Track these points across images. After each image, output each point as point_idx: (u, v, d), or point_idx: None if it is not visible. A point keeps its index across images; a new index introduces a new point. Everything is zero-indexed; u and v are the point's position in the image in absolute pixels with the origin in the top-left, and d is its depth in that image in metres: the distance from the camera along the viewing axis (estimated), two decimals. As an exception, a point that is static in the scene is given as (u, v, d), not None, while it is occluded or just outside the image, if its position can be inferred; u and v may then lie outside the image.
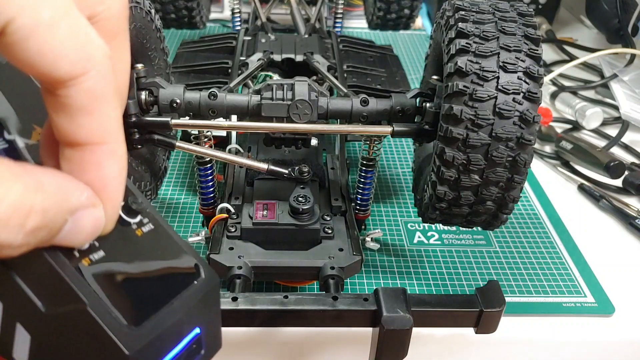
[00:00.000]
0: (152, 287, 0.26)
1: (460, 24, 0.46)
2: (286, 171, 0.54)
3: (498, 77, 0.44)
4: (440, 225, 0.66)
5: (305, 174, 0.54)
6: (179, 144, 0.52)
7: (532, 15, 0.48)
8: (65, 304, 0.23)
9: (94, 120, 0.22)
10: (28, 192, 0.21)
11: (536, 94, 0.44)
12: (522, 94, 0.43)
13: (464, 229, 0.65)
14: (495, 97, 0.43)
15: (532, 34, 0.46)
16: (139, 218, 0.27)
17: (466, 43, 0.45)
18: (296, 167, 0.55)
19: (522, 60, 0.44)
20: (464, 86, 0.44)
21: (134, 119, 0.50)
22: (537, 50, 0.45)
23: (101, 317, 0.23)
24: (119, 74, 0.25)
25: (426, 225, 0.66)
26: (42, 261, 0.23)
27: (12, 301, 0.24)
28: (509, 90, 0.43)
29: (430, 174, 0.48)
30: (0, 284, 0.23)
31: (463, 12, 0.47)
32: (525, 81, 0.44)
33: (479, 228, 0.52)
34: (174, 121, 0.50)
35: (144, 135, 0.51)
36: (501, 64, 0.44)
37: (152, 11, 0.54)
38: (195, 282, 0.28)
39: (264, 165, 0.54)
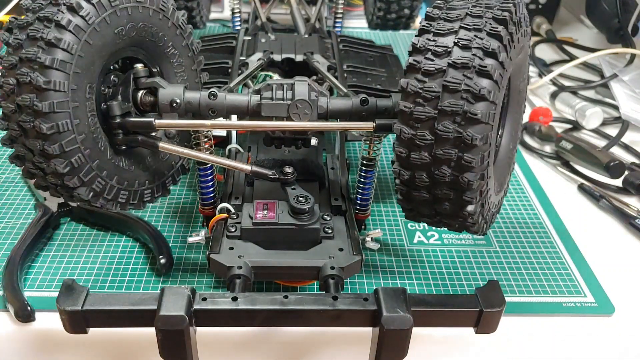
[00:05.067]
0: None
1: (429, 10, 0.46)
2: (270, 172, 0.54)
3: (450, 52, 0.44)
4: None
5: (289, 175, 0.54)
6: (162, 144, 0.51)
7: (514, 6, 0.46)
8: None
9: None
10: None
11: (485, 67, 0.43)
12: (473, 69, 0.43)
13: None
14: (443, 71, 0.43)
15: (499, 16, 0.45)
16: None
17: (427, 23, 0.45)
18: (279, 169, 0.54)
19: (480, 38, 0.44)
20: (415, 60, 0.44)
21: (118, 120, 0.50)
22: (498, 29, 0.44)
23: None
24: None
25: (426, 225, 0.66)
26: None
27: None
28: (458, 64, 0.43)
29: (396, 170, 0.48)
30: None
31: (439, 2, 0.48)
32: (479, 57, 0.43)
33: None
34: (158, 121, 0.50)
35: (128, 136, 0.51)
36: (456, 40, 0.44)
37: (168, 8, 0.53)
38: None
39: (247, 167, 0.54)
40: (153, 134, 0.53)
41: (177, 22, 0.55)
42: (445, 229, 0.52)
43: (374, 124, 0.51)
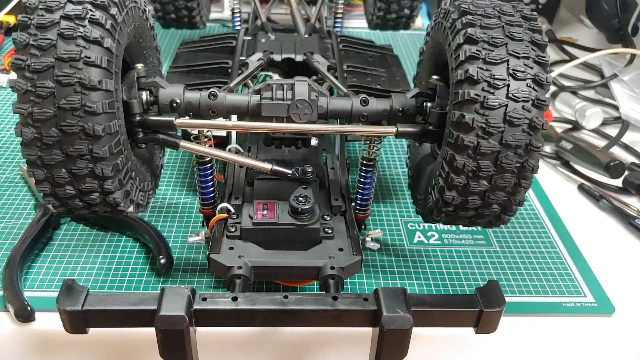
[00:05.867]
0: None
1: (469, 30, 0.46)
2: (290, 171, 0.54)
3: (508, 85, 0.44)
4: (440, 225, 0.66)
5: (309, 174, 0.54)
6: (183, 143, 0.51)
7: (536, 19, 0.48)
8: None
9: None
10: None
11: (544, 101, 0.44)
12: (531, 102, 0.44)
13: (464, 228, 0.65)
14: (506, 105, 0.43)
15: (539, 40, 0.46)
16: None
17: (476, 50, 0.44)
18: (299, 168, 0.55)
19: (530, 67, 0.44)
20: (475, 94, 0.44)
21: (138, 118, 0.50)
22: (545, 57, 0.45)
23: None
24: None
25: (426, 225, 0.66)
26: None
27: None
28: (519, 98, 0.43)
29: (437, 179, 0.48)
30: None
31: (470, 17, 0.47)
32: (533, 88, 0.44)
33: (479, 228, 0.52)
34: (178, 120, 0.50)
35: (149, 135, 0.51)
36: (511, 71, 0.44)
37: (147, 9, 0.54)
38: None
39: (267, 166, 0.54)
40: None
41: (152, 23, 0.56)
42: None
43: (396, 130, 0.51)
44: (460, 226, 0.53)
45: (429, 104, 0.52)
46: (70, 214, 0.59)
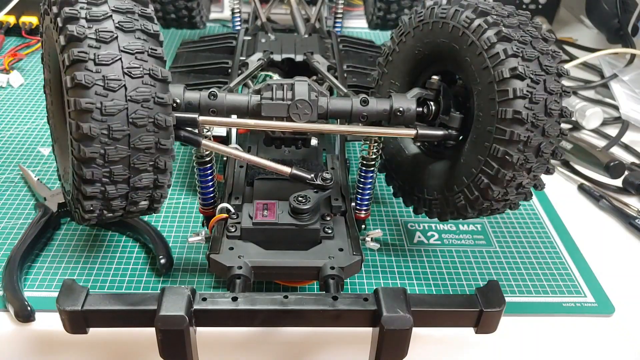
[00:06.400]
0: None
1: (500, 28, 0.47)
2: (310, 176, 0.53)
3: (545, 80, 0.47)
4: (441, 225, 0.66)
5: (329, 181, 0.53)
6: (204, 142, 0.51)
7: (553, 40, 0.50)
8: None
9: None
10: None
11: (568, 92, 0.48)
12: (559, 93, 0.47)
13: (464, 228, 0.65)
14: (545, 99, 0.47)
15: (548, 37, 0.49)
16: None
17: (516, 48, 0.47)
18: (319, 173, 0.53)
19: (552, 59, 0.48)
20: (527, 90, 0.46)
21: None
22: (558, 51, 0.49)
23: None
24: None
25: (426, 225, 0.66)
26: None
27: None
28: (554, 91, 0.47)
29: (478, 177, 0.49)
30: None
31: (494, 17, 0.49)
32: (558, 81, 0.48)
33: (479, 227, 0.52)
34: (201, 118, 0.50)
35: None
36: (544, 67, 0.47)
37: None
38: None
39: (287, 169, 0.53)
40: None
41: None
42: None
43: (416, 132, 0.52)
44: (462, 225, 0.54)
45: (432, 105, 0.52)
46: (97, 220, 0.56)
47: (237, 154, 0.53)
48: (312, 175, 0.53)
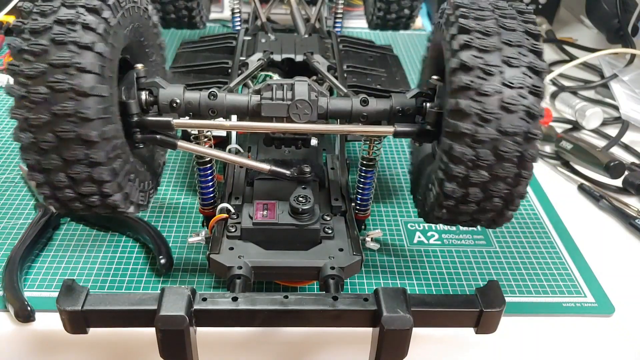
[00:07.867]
0: None
1: (461, 20, 0.46)
2: (288, 172, 0.54)
3: (502, 72, 0.44)
4: (441, 225, 0.66)
5: (307, 174, 0.54)
6: (180, 143, 0.51)
7: (531, 12, 0.48)
8: None
9: None
10: None
11: (540, 87, 0.44)
12: (527, 89, 0.43)
13: (464, 228, 0.65)
14: (501, 92, 0.43)
15: (532, 30, 0.46)
16: None
17: (469, 38, 0.45)
18: (297, 167, 0.55)
19: (524, 55, 0.44)
20: (470, 81, 0.43)
21: (135, 118, 0.50)
22: (539, 45, 0.45)
23: None
24: None
25: (426, 225, 0.66)
26: None
27: None
28: (514, 84, 0.43)
29: (437, 172, 0.48)
30: None
31: (463, 10, 0.47)
32: (529, 76, 0.44)
33: (479, 228, 0.52)
34: (175, 121, 0.50)
35: (146, 135, 0.51)
36: (504, 58, 0.44)
37: (149, 7, 0.54)
38: None
39: (265, 166, 0.54)
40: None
41: (154, 21, 0.56)
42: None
43: (394, 129, 0.51)
44: (462, 226, 0.53)
45: (428, 104, 0.52)
46: (72, 215, 0.59)
47: (213, 153, 0.53)
48: (291, 170, 0.54)
